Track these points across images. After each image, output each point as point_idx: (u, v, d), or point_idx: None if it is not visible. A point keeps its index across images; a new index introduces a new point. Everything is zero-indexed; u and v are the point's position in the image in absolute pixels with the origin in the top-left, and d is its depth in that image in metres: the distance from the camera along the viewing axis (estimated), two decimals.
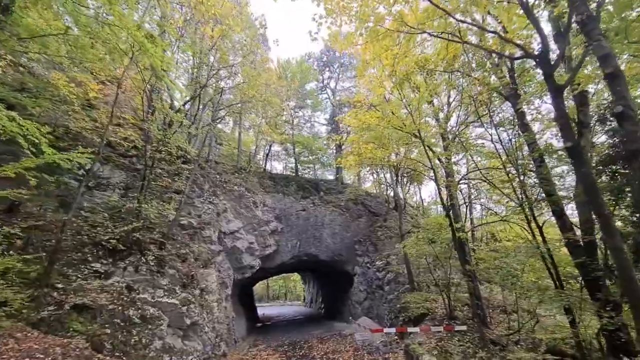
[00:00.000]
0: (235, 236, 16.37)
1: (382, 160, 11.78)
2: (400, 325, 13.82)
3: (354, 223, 21.04)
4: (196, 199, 14.26)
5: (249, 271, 17.05)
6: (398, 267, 17.28)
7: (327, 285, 28.84)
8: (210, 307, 12.43)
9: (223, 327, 13.72)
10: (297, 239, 19.67)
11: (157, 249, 10.60)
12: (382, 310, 16.87)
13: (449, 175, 14.82)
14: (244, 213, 17.07)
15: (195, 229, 13.31)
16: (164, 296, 9.96)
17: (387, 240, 18.94)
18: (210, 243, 13.56)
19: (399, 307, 14.81)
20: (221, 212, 15.85)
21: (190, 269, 11.40)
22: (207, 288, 12.64)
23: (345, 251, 20.59)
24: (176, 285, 10.62)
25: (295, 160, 22.95)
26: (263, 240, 17.87)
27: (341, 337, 15.31)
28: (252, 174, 18.64)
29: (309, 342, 15.07)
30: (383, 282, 17.13)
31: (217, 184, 16.10)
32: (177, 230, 12.72)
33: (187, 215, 13.68)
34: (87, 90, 12.80)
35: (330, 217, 20.53)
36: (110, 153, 12.96)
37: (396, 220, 21.03)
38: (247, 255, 16.86)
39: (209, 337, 11.51)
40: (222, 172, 17.23)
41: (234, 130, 25.94)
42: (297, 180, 21.49)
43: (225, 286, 15.47)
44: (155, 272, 10.10)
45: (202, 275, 12.64)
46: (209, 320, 11.99)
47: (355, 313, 19.65)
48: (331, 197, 21.53)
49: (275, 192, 19.29)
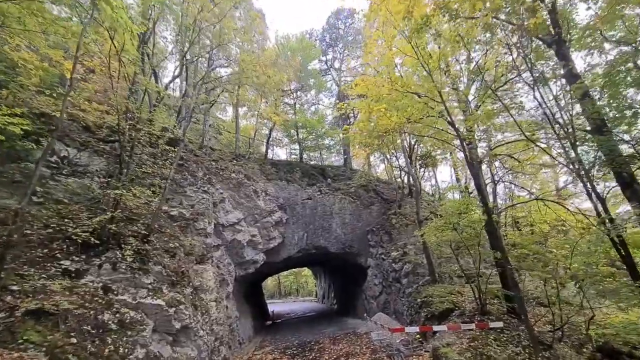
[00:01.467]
0: (235, 228, 15.01)
1: (399, 126, 10.10)
2: (423, 323, 12.29)
3: (366, 211, 19.47)
4: (188, 187, 12.90)
5: (252, 266, 15.72)
6: (416, 257, 15.70)
7: (339, 279, 27.47)
8: (207, 307, 11.12)
9: (223, 328, 12.44)
10: (304, 230, 18.23)
11: (140, 243, 9.26)
12: (400, 306, 15.36)
13: (472, 149, 13.13)
14: (244, 203, 15.68)
15: (187, 220, 11.97)
16: (147, 297, 8.64)
17: (402, 228, 17.34)
18: (205, 236, 12.21)
19: (419, 302, 13.26)
20: (218, 202, 14.49)
21: (180, 265, 10.05)
22: (202, 286, 11.33)
23: (357, 242, 19.07)
24: (163, 284, 9.29)
25: (299, 144, 21.32)
26: (266, 233, 16.49)
27: (356, 337, 13.87)
28: (252, 160, 17.21)
29: (320, 342, 13.68)
30: (400, 274, 15.58)
31: (212, 172, 14.72)
32: (167, 223, 11.39)
33: (178, 205, 12.34)
34: (63, 70, 11.52)
35: (340, 206, 19.00)
36: (89, 138, 11.69)
37: (412, 206, 19.39)
38: (249, 249, 15.50)
39: (205, 341, 10.20)
40: (218, 159, 15.85)
41: (234, 120, 24.55)
42: (302, 167, 19.96)
43: (225, 283, 14.17)
44: (137, 269, 8.77)
45: (195, 272, 11.32)
46: (205, 322, 10.68)
47: (370, 309, 18.18)
48: (339, 183, 19.97)
49: (278, 179, 17.82)
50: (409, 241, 16.82)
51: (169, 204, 12.24)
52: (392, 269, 16.27)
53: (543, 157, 12.33)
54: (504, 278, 11.50)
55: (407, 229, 17.42)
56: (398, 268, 15.84)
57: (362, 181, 19.73)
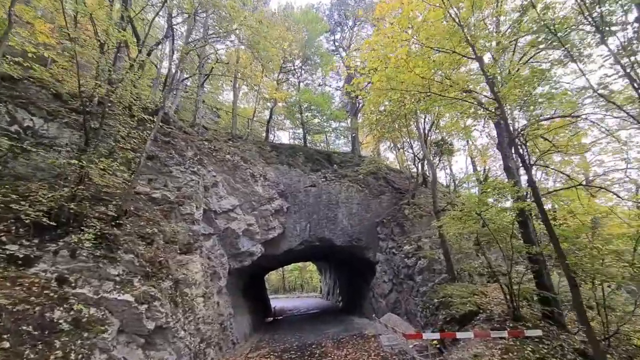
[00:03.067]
0: (230, 216, 13.59)
1: (421, 86, 8.41)
2: (441, 327, 10.74)
3: (375, 201, 17.86)
4: (174, 167, 11.48)
5: (248, 259, 14.32)
6: (432, 252, 14.10)
7: (344, 275, 26.02)
8: (191, 303, 9.73)
9: (212, 327, 11.08)
10: (307, 220, 16.74)
11: (108, 227, 7.85)
12: (413, 306, 13.81)
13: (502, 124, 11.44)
14: (239, 188, 14.23)
15: (171, 204, 10.55)
16: (113, 291, 7.26)
17: (416, 220, 15.72)
18: (192, 222, 10.79)
19: (436, 303, 11.70)
20: (210, 186, 13.06)
21: (158, 254, 8.65)
22: (186, 279, 9.94)
23: (365, 235, 17.52)
24: (134, 276, 7.90)
25: (303, 126, 19.68)
26: (265, 222, 15.04)
27: (363, 340, 12.39)
28: (250, 142, 15.70)
29: (323, 345, 12.24)
30: (413, 270, 14.01)
31: (204, 152, 13.28)
32: (147, 206, 9.99)
33: (161, 187, 10.94)
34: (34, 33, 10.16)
35: (347, 194, 17.42)
36: (60, 107, 10.29)
37: (427, 196, 17.74)
38: (245, 240, 14.09)
39: (187, 342, 8.82)
40: (212, 138, 14.40)
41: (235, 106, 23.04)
42: (306, 151, 18.40)
43: (217, 277, 12.79)
44: (102, 257, 7.39)
45: (179, 263, 9.93)
46: (188, 320, 9.31)
47: (378, 308, 16.68)
48: (347, 170, 18.37)
49: (279, 163, 16.31)
50: (424, 234, 15.21)
51: (151, 186, 10.85)
52: (404, 265, 14.70)
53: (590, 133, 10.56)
54: (540, 277, 9.86)
55: (421, 221, 15.80)
56: (411, 264, 14.26)
57: (371, 168, 18.11)
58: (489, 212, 10.38)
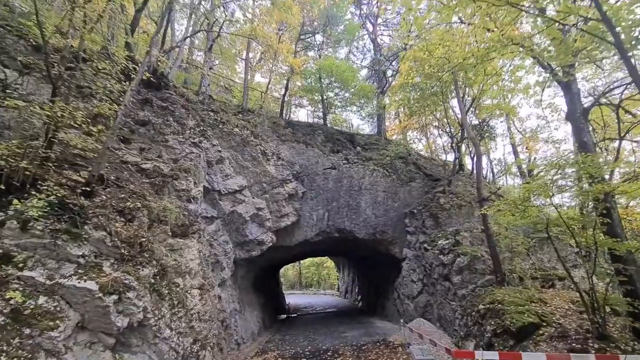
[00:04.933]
0: (236, 198, 11.98)
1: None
2: (490, 340, 8.72)
3: (404, 189, 15.76)
4: (171, 136, 9.94)
5: (256, 248, 12.69)
6: (474, 248, 11.92)
7: (365, 272, 24.08)
8: (182, 296, 8.16)
9: (210, 326, 9.49)
10: (325, 208, 14.90)
11: (74, 196, 6.30)
12: (449, 311, 11.74)
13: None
14: (249, 167, 12.57)
15: (164, 177, 8.99)
16: (73, 276, 5.72)
17: (454, 210, 13.54)
18: (188, 200, 9.20)
19: (482, 310, 9.60)
20: (214, 162, 11.47)
21: (140, 234, 7.08)
22: (178, 267, 8.38)
23: (391, 227, 15.50)
24: (106, 259, 6.38)
25: (323, 101, 17.67)
26: (277, 207, 13.34)
27: (388, 350, 10.47)
28: (262, 116, 13.97)
29: (340, 353, 10.44)
30: (450, 269, 11.90)
31: (208, 123, 11.70)
32: (135, 177, 8.47)
33: (155, 158, 9.40)
34: None
35: (371, 180, 15.42)
36: (39, 60, 8.90)
37: (465, 185, 15.44)
38: (253, 226, 12.45)
39: (173, 344, 7.23)
40: (219, 110, 12.78)
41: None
42: (326, 130, 16.51)
43: (219, 267, 11.23)
44: (63, 233, 5.85)
45: (170, 247, 8.40)
46: (177, 317, 7.73)
47: (405, 311, 14.67)
48: (372, 153, 16.34)
49: (295, 141, 14.52)
50: (463, 227, 13.03)
51: (142, 155, 9.34)
52: (438, 263, 12.60)
53: None
54: (631, 282, 7.55)
55: (459, 212, 13.60)
56: (448, 261, 12.14)
57: (400, 151, 15.97)
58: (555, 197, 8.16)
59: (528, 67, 13.80)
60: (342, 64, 17.46)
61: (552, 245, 8.60)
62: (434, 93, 14.73)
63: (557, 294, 10.75)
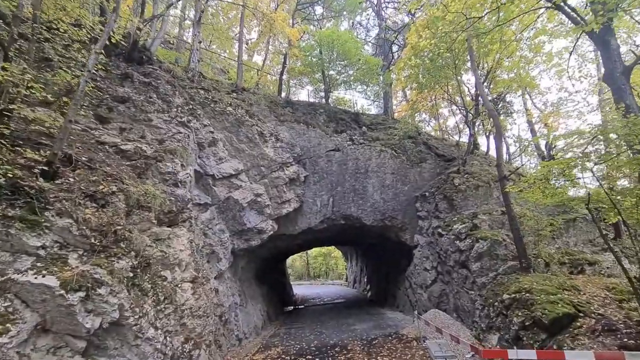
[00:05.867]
0: (232, 183, 11.08)
1: None
2: (517, 334, 7.83)
3: (414, 170, 14.69)
4: (155, 114, 9.00)
5: (256, 237, 11.84)
6: (495, 232, 10.92)
7: (374, 261, 23.25)
8: (170, 291, 7.35)
9: (206, 322, 8.72)
10: (330, 193, 13.95)
11: (33, 178, 5.42)
12: (467, 301, 10.84)
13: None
14: (245, 149, 11.62)
15: (147, 159, 8.09)
16: (29, 270, 4.87)
17: (470, 191, 12.47)
18: (175, 184, 8.31)
19: (506, 299, 8.67)
20: (206, 145, 10.55)
21: (115, 222, 6.22)
22: (164, 259, 7.58)
23: (400, 212, 14.52)
24: (73, 250, 5.56)
25: (325, 77, 16.44)
26: (277, 193, 12.42)
27: (402, 344, 9.63)
28: (259, 95, 12.92)
29: (349, 349, 9.63)
30: (468, 256, 10.93)
31: (198, 101, 10.72)
32: (113, 159, 7.58)
33: (137, 138, 8.49)
34: None
35: (378, 161, 14.37)
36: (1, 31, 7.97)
37: (481, 164, 14.33)
38: (252, 214, 11.57)
39: (160, 345, 6.44)
40: (210, 88, 11.77)
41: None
42: (328, 109, 15.41)
43: (216, 258, 10.43)
44: (18, 220, 4.99)
45: (154, 237, 7.56)
46: (164, 314, 6.96)
47: (417, 301, 13.80)
48: (378, 133, 15.22)
49: (295, 121, 13.48)
50: (481, 209, 12.01)
51: (123, 136, 8.44)
52: (454, 249, 11.63)
53: None
54: None
55: (476, 193, 12.54)
56: (465, 247, 11.16)
57: (409, 129, 14.82)
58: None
59: (551, 30, 12.53)
60: (344, 33, 16.06)
61: (594, 224, 7.54)
62: (445, 64, 13.50)
63: (589, 280, 9.75)
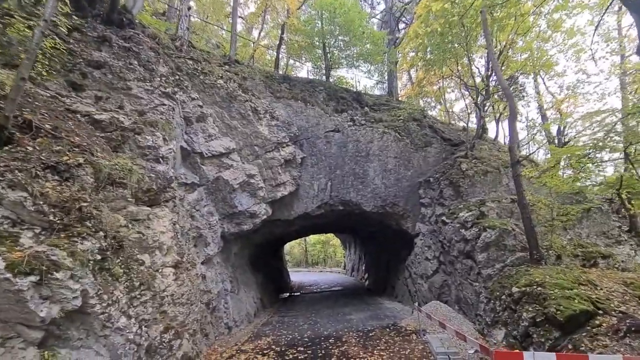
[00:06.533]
0: (222, 162, 10.36)
1: None
2: (527, 331, 7.25)
3: (418, 155, 13.93)
4: (136, 83, 8.19)
5: (248, 221, 11.18)
6: (503, 221, 10.22)
7: (373, 249, 22.75)
8: (148, 276, 6.73)
9: (190, 309, 8.14)
10: (328, 176, 13.23)
11: None
12: (471, 294, 10.27)
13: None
14: (237, 126, 10.84)
15: (124, 131, 7.31)
16: None
17: (478, 177, 11.74)
18: (157, 160, 7.58)
19: (515, 293, 8.08)
20: (194, 120, 9.76)
21: (80, 198, 5.49)
22: (143, 240, 6.93)
23: (402, 199, 13.83)
24: (29, 228, 4.89)
25: (325, 52, 15.42)
26: (272, 175, 11.70)
27: (400, 337, 9.08)
28: (253, 69, 12.03)
29: (344, 341, 9.08)
30: (474, 246, 10.29)
31: (186, 72, 9.87)
32: (85, 130, 6.81)
33: (114, 108, 7.69)
34: None
35: (380, 144, 13.59)
36: None
37: (490, 149, 13.53)
38: (243, 196, 10.88)
39: (133, 335, 5.83)
40: (200, 59, 10.89)
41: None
42: (328, 87, 14.53)
43: (203, 242, 9.79)
44: None
45: (130, 216, 6.85)
46: (139, 301, 6.35)
47: (417, 292, 13.27)
48: (381, 114, 14.36)
49: (292, 98, 12.64)
50: (489, 197, 11.30)
51: (99, 105, 7.66)
52: (459, 238, 10.98)
53: None
54: None
55: (484, 180, 11.81)
56: (471, 236, 10.50)
57: (414, 111, 13.96)
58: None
59: (575, 3, 11.56)
60: (347, 0, 14.92)
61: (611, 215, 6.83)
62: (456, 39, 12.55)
63: (604, 274, 9.12)
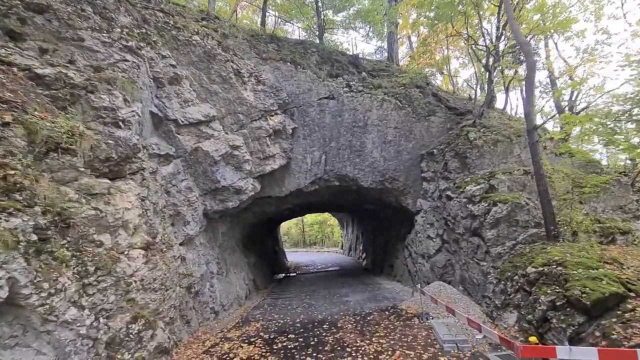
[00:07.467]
0: (201, 131, 9.24)
1: None
2: (545, 316, 6.47)
3: (421, 125, 12.81)
4: (90, 33, 6.94)
5: (234, 198, 10.19)
6: (516, 195, 9.29)
7: (371, 228, 22.00)
8: (105, 260, 5.73)
9: (164, 296, 7.29)
10: (322, 149, 12.15)
11: None
12: (477, 273, 9.50)
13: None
14: (217, 91, 9.64)
15: (75, 88, 6.12)
16: None
17: (488, 147, 10.73)
18: (116, 125, 6.48)
19: (531, 274, 7.29)
20: (166, 81, 8.55)
21: (6, 164, 4.39)
22: (103, 219, 5.97)
23: (403, 173, 12.84)
24: None
25: (318, 11, 13.92)
26: (259, 147, 10.61)
27: (401, 321, 8.33)
28: (235, 27, 10.68)
29: (339, 326, 8.34)
30: (483, 222, 9.41)
31: (155, 25, 8.53)
32: (20, 86, 5.63)
33: (64, 63, 6.51)
34: None
35: (379, 113, 12.43)
36: None
37: (500, 117, 12.42)
38: (227, 170, 9.83)
39: (86, 329, 4.91)
40: (173, 12, 9.51)
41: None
42: (321, 49, 13.19)
43: (182, 220, 8.85)
44: None
45: (84, 190, 5.80)
46: (97, 289, 5.43)
47: (419, 271, 12.53)
48: (380, 80, 13.10)
49: (280, 60, 11.34)
50: (499, 169, 10.30)
51: (44, 58, 6.43)
52: (465, 214, 10.08)
53: None
54: None
55: (494, 150, 10.80)
56: (478, 212, 9.59)
57: (416, 76, 12.71)
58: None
59: None
60: None
61: None
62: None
63: (625, 251, 8.29)
